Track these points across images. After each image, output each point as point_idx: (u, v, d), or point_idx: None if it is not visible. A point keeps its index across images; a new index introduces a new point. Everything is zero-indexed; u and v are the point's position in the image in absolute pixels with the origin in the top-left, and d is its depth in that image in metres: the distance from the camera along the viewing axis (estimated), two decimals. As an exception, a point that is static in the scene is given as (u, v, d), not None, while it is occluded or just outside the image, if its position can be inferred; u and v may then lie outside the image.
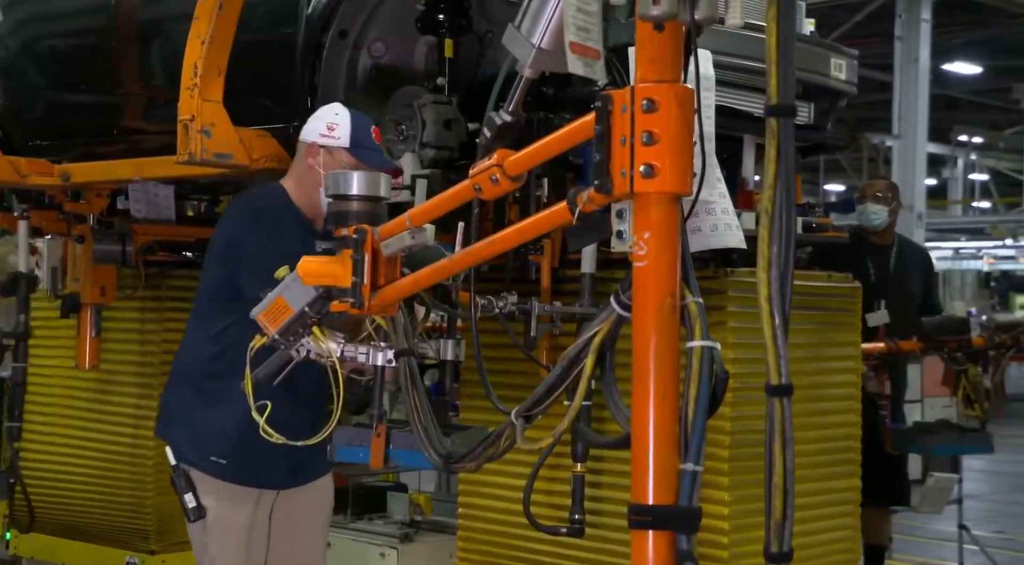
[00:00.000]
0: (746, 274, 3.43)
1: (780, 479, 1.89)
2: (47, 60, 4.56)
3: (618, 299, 2.14)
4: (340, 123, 3.36)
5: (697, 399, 1.97)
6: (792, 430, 1.89)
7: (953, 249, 27.53)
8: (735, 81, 3.44)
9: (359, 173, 2.70)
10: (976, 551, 6.39)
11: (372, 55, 3.83)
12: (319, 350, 2.70)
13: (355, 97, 3.80)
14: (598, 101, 2.00)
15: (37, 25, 4.66)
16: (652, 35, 1.97)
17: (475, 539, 3.98)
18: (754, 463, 3.40)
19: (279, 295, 2.69)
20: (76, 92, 4.50)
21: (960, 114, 22.78)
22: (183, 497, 3.23)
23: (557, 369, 2.24)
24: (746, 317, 3.40)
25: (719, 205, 3.26)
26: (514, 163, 2.25)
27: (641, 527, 1.94)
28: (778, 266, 1.88)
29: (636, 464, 1.95)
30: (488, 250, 2.40)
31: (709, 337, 2.00)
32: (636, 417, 1.95)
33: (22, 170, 4.28)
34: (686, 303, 2.01)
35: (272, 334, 2.70)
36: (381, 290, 2.60)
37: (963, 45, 17.90)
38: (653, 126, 1.92)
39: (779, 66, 1.89)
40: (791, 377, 3.36)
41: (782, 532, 1.89)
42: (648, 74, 1.96)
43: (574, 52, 2.26)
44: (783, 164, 1.90)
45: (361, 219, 2.64)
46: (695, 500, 1.94)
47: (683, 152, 1.95)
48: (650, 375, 1.94)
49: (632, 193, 1.96)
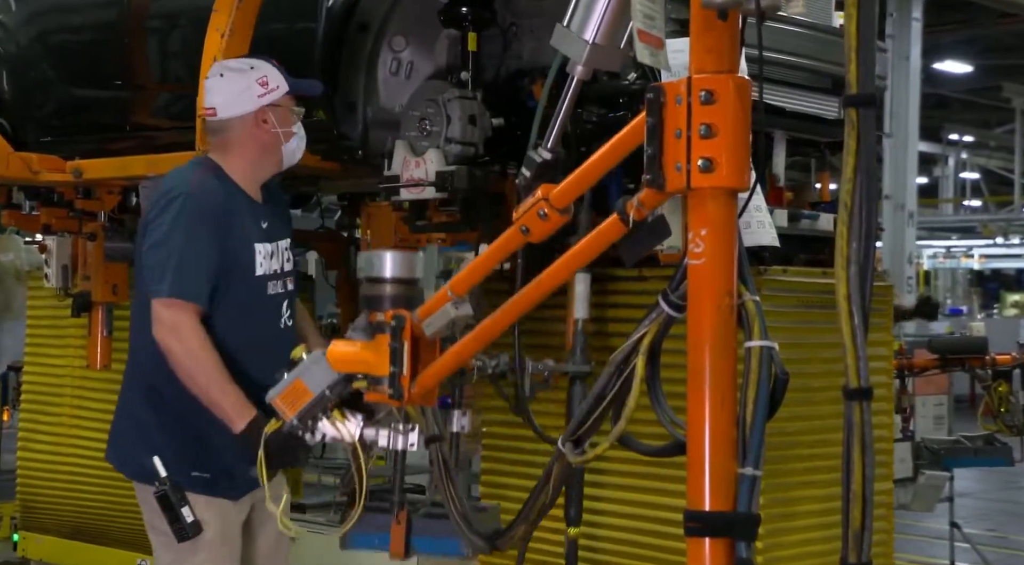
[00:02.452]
0: (778, 273, 3.38)
1: (859, 487, 1.81)
2: (58, 54, 4.50)
3: (667, 298, 2.06)
4: (267, 72, 3.09)
5: (756, 401, 1.91)
6: (871, 435, 1.82)
7: (944, 247, 27.64)
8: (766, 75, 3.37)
9: (393, 254, 2.53)
10: (968, 549, 6.40)
11: (392, 49, 3.78)
12: (337, 434, 2.55)
13: (375, 91, 3.76)
14: (650, 92, 1.93)
15: (47, 19, 4.59)
16: (711, 24, 1.91)
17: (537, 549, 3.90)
18: (787, 466, 3.36)
19: (297, 377, 2.54)
20: (87, 87, 4.43)
21: (951, 113, 22.85)
22: (179, 511, 2.90)
23: (603, 377, 2.15)
24: (779, 317, 3.35)
25: (752, 202, 3.21)
26: (560, 194, 2.16)
27: (698, 534, 1.88)
28: (857, 262, 1.81)
29: (692, 470, 1.89)
30: (537, 293, 2.25)
31: (768, 336, 1.93)
32: (692, 421, 1.89)
33: (33, 166, 4.21)
34: (743, 302, 1.95)
35: (291, 419, 2.54)
36: (420, 376, 2.45)
37: (953, 44, 17.96)
38: (712, 118, 1.85)
39: (859, 54, 1.81)
40: (823, 378, 3.35)
41: (861, 542, 1.81)
42: (705, 64, 1.90)
43: (641, 40, 2.16)
44: (863, 156, 1.82)
45: (396, 303, 2.48)
46: (755, 506, 1.88)
47: (742, 145, 1.88)
48: (706, 378, 1.88)
49: (688, 188, 1.89)
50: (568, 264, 2.22)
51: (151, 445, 2.97)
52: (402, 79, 3.78)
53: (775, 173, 3.59)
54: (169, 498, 2.91)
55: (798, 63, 3.54)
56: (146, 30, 4.24)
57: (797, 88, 3.53)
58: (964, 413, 8.60)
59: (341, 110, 3.77)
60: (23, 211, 4.85)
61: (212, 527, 2.98)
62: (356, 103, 3.77)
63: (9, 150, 4.24)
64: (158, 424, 3.02)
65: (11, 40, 4.59)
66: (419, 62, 3.76)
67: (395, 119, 3.68)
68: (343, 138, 3.80)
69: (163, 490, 2.91)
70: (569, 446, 2.23)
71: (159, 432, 3.01)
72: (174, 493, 2.91)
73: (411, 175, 3.55)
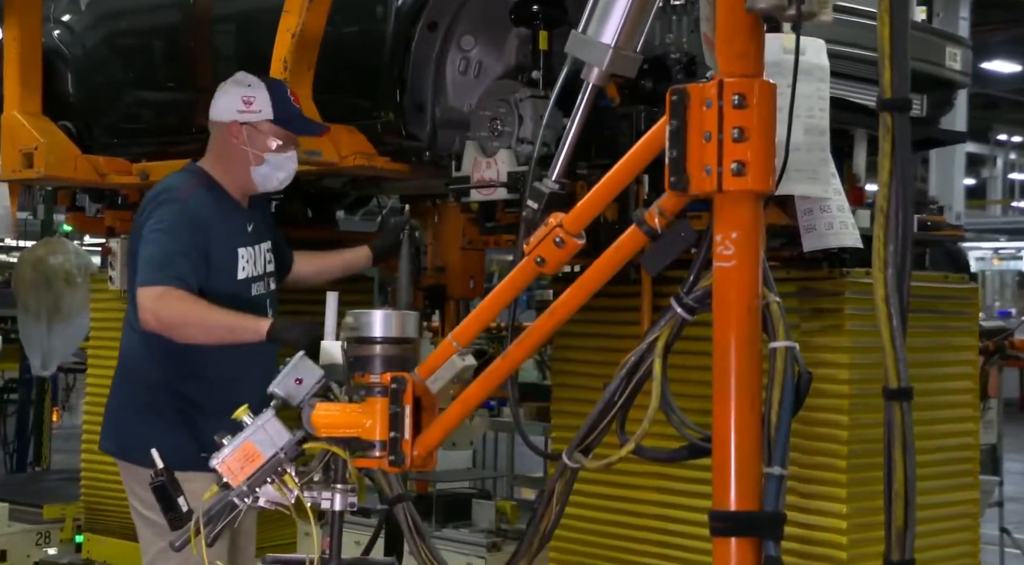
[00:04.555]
0: (862, 275, 3.30)
1: (901, 486, 1.84)
2: (123, 57, 4.50)
3: (680, 301, 2.06)
4: (256, 95, 3.14)
5: (781, 401, 1.93)
6: (912, 436, 1.84)
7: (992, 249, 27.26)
8: (849, 71, 3.31)
9: (383, 314, 2.38)
10: (1017, 554, 6.28)
11: (461, 48, 3.74)
12: (281, 499, 2.38)
13: (443, 91, 3.72)
14: (674, 95, 1.94)
15: (113, 22, 4.60)
16: (742, 28, 1.91)
17: (568, 549, 3.87)
18: (875, 474, 3.27)
19: (247, 440, 2.36)
20: (153, 89, 4.43)
21: (999, 113, 22.54)
22: (176, 501, 2.82)
23: (613, 383, 2.12)
24: (864, 319, 3.27)
25: (834, 202, 3.13)
26: (574, 219, 2.13)
27: (723, 534, 1.88)
28: (895, 265, 1.84)
29: (718, 470, 1.89)
30: (552, 323, 2.19)
31: (790, 337, 1.96)
32: (718, 422, 1.90)
33: (101, 169, 4.22)
34: (767, 303, 1.96)
35: (240, 485, 2.37)
36: (422, 437, 2.34)
37: (1001, 43, 17.72)
38: (744, 122, 1.87)
39: (892, 59, 1.86)
40: (870, 382, 3.27)
41: (903, 541, 1.84)
42: (736, 69, 1.90)
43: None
44: (898, 160, 1.84)
45: (390, 365, 2.35)
46: (781, 504, 1.89)
47: (771, 149, 1.90)
48: (732, 379, 1.88)
49: (720, 191, 1.89)
50: (586, 286, 2.16)
51: (150, 431, 3.03)
52: (471, 79, 3.74)
53: (856, 172, 3.50)
54: (166, 489, 2.87)
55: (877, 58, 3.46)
56: (210, 32, 4.23)
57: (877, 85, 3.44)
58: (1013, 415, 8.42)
59: (409, 111, 3.74)
60: (87, 214, 4.86)
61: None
62: (424, 103, 3.74)
63: (77, 153, 4.25)
64: (156, 411, 3.11)
65: (78, 43, 4.60)
66: (488, 61, 3.72)
67: (463, 119, 3.64)
68: (411, 139, 3.77)
69: (160, 481, 2.87)
70: (579, 456, 2.18)
71: (157, 418, 3.10)
72: (170, 483, 2.86)
73: (481, 176, 3.51)
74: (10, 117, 4.23)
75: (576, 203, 2.17)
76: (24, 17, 4.24)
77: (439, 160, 3.77)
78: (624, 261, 2.12)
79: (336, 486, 2.39)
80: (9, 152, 4.24)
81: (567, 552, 3.88)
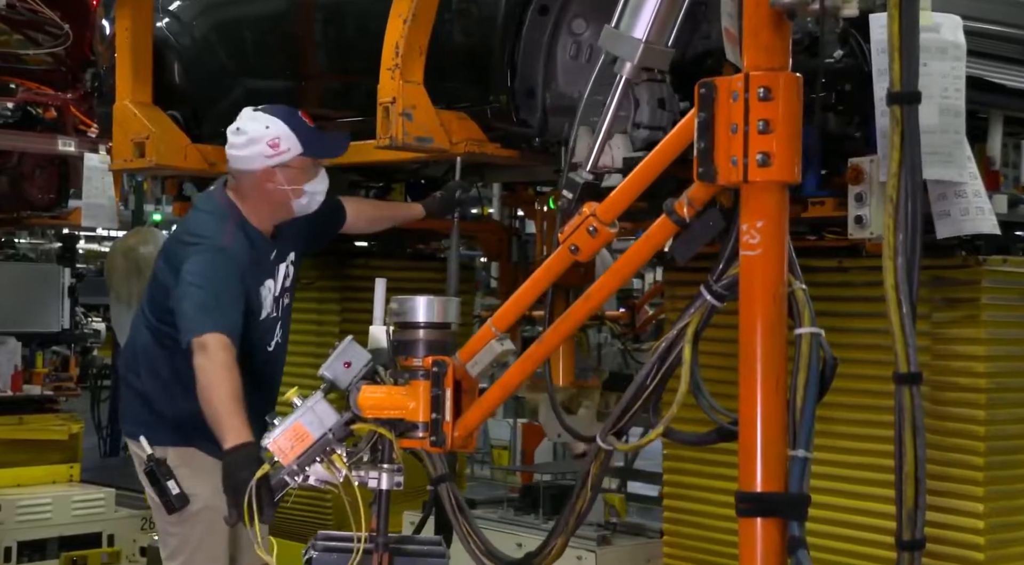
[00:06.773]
0: (999, 262, 3.14)
1: (911, 468, 1.91)
2: (231, 46, 4.50)
3: (710, 288, 2.13)
4: (280, 134, 3.20)
5: (807, 386, 1.99)
6: (922, 418, 1.92)
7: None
8: (987, 50, 3.14)
9: (425, 300, 2.54)
10: None
11: (573, 32, 3.65)
12: (330, 478, 2.52)
13: (554, 76, 3.64)
14: (702, 88, 2.01)
15: (220, 10, 4.60)
16: (767, 23, 1.97)
17: (682, 545, 3.78)
18: (1015, 472, 3.12)
19: (297, 421, 2.49)
20: (260, 78, 4.42)
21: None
22: (166, 484, 3.12)
23: (645, 368, 2.22)
24: (1000, 309, 3.12)
25: (970, 187, 2.97)
26: (607, 208, 2.24)
27: (749, 515, 1.95)
28: (904, 253, 1.91)
29: (744, 453, 1.97)
30: (586, 308, 2.30)
31: (815, 323, 2.03)
32: (744, 406, 1.97)
33: (210, 157, 4.22)
34: (792, 290, 2.03)
35: (291, 464, 2.49)
36: (462, 419, 2.48)
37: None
38: (769, 114, 1.93)
39: (902, 53, 1.93)
40: (1009, 375, 3.11)
41: (915, 520, 1.91)
42: (762, 62, 1.97)
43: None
44: (907, 151, 1.92)
45: (431, 349, 2.50)
46: (805, 487, 1.97)
47: (795, 140, 1.97)
48: (758, 364, 1.95)
49: (746, 181, 1.96)
50: (619, 273, 2.27)
51: (157, 418, 3.26)
52: (582, 63, 3.66)
53: (990, 156, 3.33)
54: (155, 473, 3.12)
55: (1015, 35, 3.29)
56: (318, 18, 4.20)
57: (1015, 63, 3.27)
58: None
59: (520, 96, 3.67)
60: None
61: (200, 499, 3.17)
62: (535, 89, 3.66)
63: (187, 142, 4.27)
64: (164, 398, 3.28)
65: (186, 33, 4.61)
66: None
67: (574, 105, 3.55)
68: (522, 125, 3.70)
69: (150, 466, 3.13)
70: (612, 439, 2.29)
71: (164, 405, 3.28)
72: (159, 467, 3.13)
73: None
74: (122, 107, 4.27)
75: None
76: (136, 8, 4.26)
77: (549, 147, 3.69)
78: (656, 249, 2.23)
79: (383, 466, 2.50)
80: (121, 141, 4.28)
81: (682, 546, 3.79)
